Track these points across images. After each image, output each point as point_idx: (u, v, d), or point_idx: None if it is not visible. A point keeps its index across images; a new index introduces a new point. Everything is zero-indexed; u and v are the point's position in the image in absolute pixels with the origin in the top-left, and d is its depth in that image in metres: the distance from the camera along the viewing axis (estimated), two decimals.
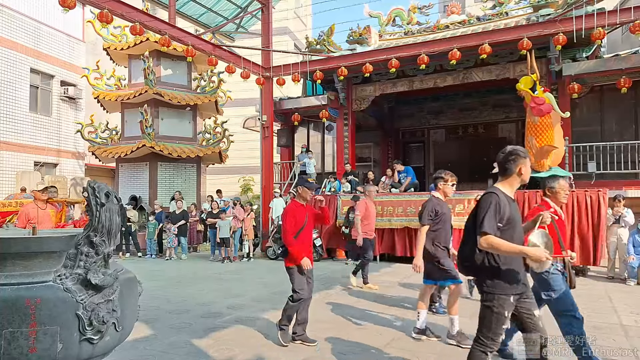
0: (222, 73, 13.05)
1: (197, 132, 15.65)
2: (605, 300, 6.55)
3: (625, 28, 13.18)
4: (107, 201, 2.32)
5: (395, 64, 10.75)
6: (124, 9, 8.91)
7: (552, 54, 10.56)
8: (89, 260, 2.25)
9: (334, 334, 4.82)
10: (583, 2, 9.45)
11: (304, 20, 26.34)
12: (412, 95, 14.90)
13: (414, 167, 13.28)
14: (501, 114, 15.11)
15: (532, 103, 9.15)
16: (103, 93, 14.65)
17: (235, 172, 21.30)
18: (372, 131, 16.00)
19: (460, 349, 4.33)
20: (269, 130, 12.99)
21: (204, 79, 15.73)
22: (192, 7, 13.09)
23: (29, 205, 5.74)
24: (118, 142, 15.00)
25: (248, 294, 7.18)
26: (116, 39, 14.80)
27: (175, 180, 14.94)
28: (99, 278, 2.22)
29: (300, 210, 4.54)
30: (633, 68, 9.97)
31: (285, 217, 4.55)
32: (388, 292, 7.13)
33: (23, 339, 2.01)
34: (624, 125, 11.09)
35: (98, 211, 2.28)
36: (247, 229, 11.81)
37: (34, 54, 15.87)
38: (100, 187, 2.33)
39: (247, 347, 4.46)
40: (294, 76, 11.85)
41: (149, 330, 5.07)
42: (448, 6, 13.66)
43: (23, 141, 15.43)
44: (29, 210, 5.74)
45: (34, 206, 5.80)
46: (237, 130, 17.68)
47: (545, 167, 9.43)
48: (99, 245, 2.27)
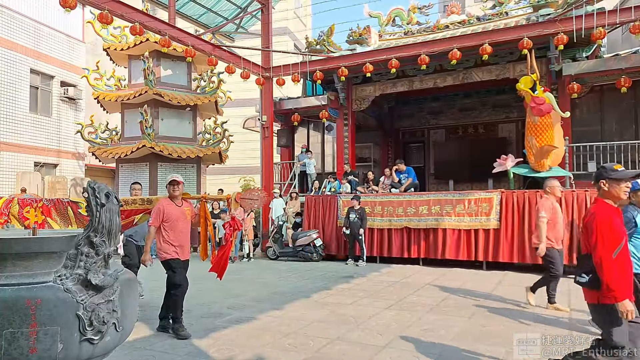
0: (222, 73, 13.05)
1: (197, 132, 15.64)
2: None
3: (625, 28, 13.19)
4: (107, 202, 2.32)
5: (395, 64, 10.75)
6: (124, 10, 8.91)
7: (552, 53, 10.56)
8: (89, 260, 2.25)
9: (334, 334, 4.83)
10: (583, 2, 9.45)
11: (303, 20, 26.34)
12: (412, 95, 14.90)
13: (414, 167, 13.28)
14: (501, 114, 15.11)
15: (532, 103, 9.15)
16: (103, 93, 14.64)
17: (235, 173, 21.30)
18: (372, 131, 16.01)
19: (458, 348, 4.33)
20: (269, 130, 13.00)
21: (204, 80, 15.72)
22: (192, 8, 13.09)
23: (164, 201, 5.04)
24: (118, 143, 14.99)
25: (248, 294, 7.18)
26: (116, 39, 14.80)
27: None
28: (99, 278, 2.22)
29: None
30: (633, 68, 9.97)
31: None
32: (388, 291, 7.14)
33: (23, 339, 2.01)
34: (624, 125, 11.09)
35: (98, 211, 2.28)
36: (247, 229, 11.81)
37: (34, 54, 15.87)
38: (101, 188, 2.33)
39: (247, 347, 4.46)
40: (294, 76, 11.85)
41: (149, 330, 5.08)
42: (448, 6, 13.66)
43: (23, 142, 15.43)
44: (165, 206, 4.91)
45: (169, 202, 5.03)
46: (237, 130, 17.68)
47: (545, 167, 9.43)
48: (99, 246, 2.27)
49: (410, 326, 5.13)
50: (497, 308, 6.01)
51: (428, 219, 10.10)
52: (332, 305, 6.19)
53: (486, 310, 5.86)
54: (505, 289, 7.42)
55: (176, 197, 5.08)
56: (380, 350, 4.33)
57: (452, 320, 5.35)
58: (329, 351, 4.31)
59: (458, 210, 9.81)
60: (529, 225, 8.94)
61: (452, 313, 5.75)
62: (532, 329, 4.88)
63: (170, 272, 5.02)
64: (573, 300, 6.45)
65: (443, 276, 8.68)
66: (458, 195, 10.06)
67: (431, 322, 5.29)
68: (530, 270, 9.07)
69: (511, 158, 10.09)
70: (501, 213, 9.37)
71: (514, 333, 4.52)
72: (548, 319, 5.43)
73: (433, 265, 9.92)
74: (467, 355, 4.15)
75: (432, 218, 10.07)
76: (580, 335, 4.53)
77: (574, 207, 8.78)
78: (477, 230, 9.57)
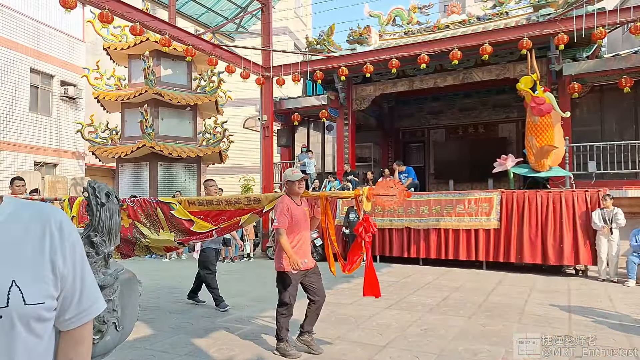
0: (222, 73, 13.05)
1: (197, 132, 15.65)
2: (606, 300, 6.55)
3: (625, 28, 13.18)
4: (108, 201, 2.32)
5: (395, 64, 10.75)
6: (124, 9, 8.91)
7: (552, 53, 10.56)
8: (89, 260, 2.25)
9: (334, 334, 4.83)
10: (583, 2, 9.45)
11: (304, 20, 26.33)
12: (412, 95, 14.90)
13: (414, 167, 13.28)
14: (501, 114, 15.12)
15: (533, 103, 9.14)
16: (103, 93, 14.65)
17: (235, 172, 21.29)
18: (372, 131, 16.01)
19: (458, 348, 4.33)
20: (269, 130, 13.00)
21: (204, 79, 15.72)
22: (192, 7, 13.09)
23: (286, 199, 4.30)
24: (118, 142, 15.00)
25: (248, 294, 7.19)
26: (116, 39, 14.80)
27: (175, 180, 14.94)
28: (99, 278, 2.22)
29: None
30: (633, 68, 9.97)
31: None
32: (389, 291, 7.13)
33: None
34: (624, 125, 11.09)
35: (98, 211, 2.28)
36: (247, 229, 11.81)
37: (34, 54, 15.86)
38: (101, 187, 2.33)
39: (247, 347, 4.46)
40: (294, 76, 11.85)
41: (149, 330, 5.07)
42: (448, 6, 13.66)
43: (23, 141, 15.42)
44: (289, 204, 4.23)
45: (291, 201, 4.33)
46: (237, 130, 17.67)
47: (545, 167, 9.43)
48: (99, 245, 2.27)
49: (410, 326, 5.13)
50: (497, 308, 6.00)
51: (429, 219, 10.09)
52: (332, 305, 6.19)
53: (486, 310, 5.86)
54: (505, 288, 7.42)
55: (298, 194, 4.33)
56: (380, 350, 4.32)
57: (452, 320, 5.35)
58: (329, 351, 4.31)
59: (458, 210, 9.81)
60: (529, 225, 8.94)
61: (452, 313, 5.75)
62: (532, 329, 4.88)
63: (284, 286, 4.31)
64: (573, 300, 6.45)
65: (443, 276, 8.68)
66: (458, 195, 10.06)
67: (431, 322, 5.29)
68: (530, 270, 9.08)
69: (511, 158, 10.09)
70: (501, 213, 9.37)
71: (514, 333, 4.52)
72: (548, 319, 5.43)
73: (433, 265, 9.92)
74: (467, 355, 4.15)
75: (432, 218, 10.06)
76: (580, 335, 4.53)
77: (574, 207, 8.78)
78: (477, 230, 9.57)
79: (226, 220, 4.49)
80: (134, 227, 4.54)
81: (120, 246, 4.55)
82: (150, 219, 4.51)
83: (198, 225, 4.48)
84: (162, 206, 4.51)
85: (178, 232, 4.51)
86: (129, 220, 4.54)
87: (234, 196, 4.80)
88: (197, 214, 4.49)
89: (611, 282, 8.01)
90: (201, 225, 4.49)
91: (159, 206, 4.51)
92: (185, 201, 4.57)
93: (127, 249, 4.69)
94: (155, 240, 4.55)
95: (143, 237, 4.55)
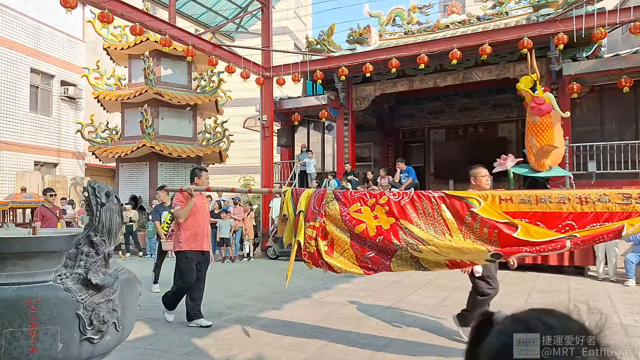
0: (222, 73, 13.05)
1: (197, 131, 15.66)
2: (605, 300, 6.55)
3: (625, 28, 13.18)
4: (108, 201, 2.32)
5: (395, 64, 10.74)
6: (124, 9, 8.91)
7: (552, 53, 10.55)
8: (90, 260, 2.25)
9: (334, 334, 4.83)
10: (583, 2, 9.45)
11: (304, 20, 26.33)
12: (412, 95, 14.90)
13: (414, 166, 13.27)
14: (501, 113, 15.11)
15: (532, 103, 9.13)
16: (103, 93, 14.65)
17: (235, 172, 21.29)
18: (372, 131, 16.00)
19: (458, 348, 4.33)
20: (269, 130, 12.99)
21: (204, 79, 15.73)
22: (192, 7, 13.09)
23: None
24: (118, 142, 15.00)
25: (248, 293, 7.18)
26: (116, 38, 14.81)
27: (175, 180, 14.94)
28: (99, 278, 2.22)
29: None
30: (633, 68, 9.96)
31: None
32: (389, 291, 7.14)
33: (24, 338, 2.01)
34: (624, 125, 11.08)
35: (98, 211, 2.28)
36: (247, 229, 11.81)
37: (34, 53, 15.86)
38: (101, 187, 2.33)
39: (247, 346, 4.46)
40: (294, 76, 11.85)
41: (149, 329, 5.07)
42: (448, 6, 13.65)
43: (23, 141, 15.43)
44: None
45: None
46: (237, 130, 17.67)
47: (545, 166, 9.41)
48: (99, 245, 2.27)
49: (411, 326, 5.13)
50: (497, 307, 5.97)
51: None
52: (333, 305, 6.19)
53: None
54: (505, 288, 7.42)
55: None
56: (380, 350, 4.33)
57: (452, 320, 5.34)
58: (329, 351, 4.31)
59: None
60: None
61: (452, 313, 5.73)
62: None
63: None
64: (573, 300, 6.44)
65: (443, 276, 8.67)
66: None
67: (431, 322, 5.29)
68: (530, 270, 9.07)
69: (511, 158, 10.07)
70: None
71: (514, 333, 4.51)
72: None
73: None
74: None
75: None
76: None
77: None
78: None
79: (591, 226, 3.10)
80: (401, 228, 3.36)
81: (365, 256, 3.48)
82: (428, 218, 3.37)
83: (524, 230, 3.18)
84: (452, 201, 3.34)
85: (484, 240, 3.25)
86: (390, 219, 3.39)
87: (590, 192, 3.30)
88: (519, 215, 3.25)
89: (611, 281, 8.02)
90: (533, 231, 3.18)
91: (443, 202, 3.36)
92: (494, 197, 3.31)
93: (378, 259, 3.49)
94: (447, 248, 3.23)
95: (421, 243, 3.30)
